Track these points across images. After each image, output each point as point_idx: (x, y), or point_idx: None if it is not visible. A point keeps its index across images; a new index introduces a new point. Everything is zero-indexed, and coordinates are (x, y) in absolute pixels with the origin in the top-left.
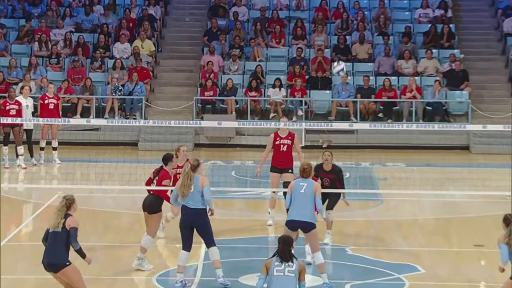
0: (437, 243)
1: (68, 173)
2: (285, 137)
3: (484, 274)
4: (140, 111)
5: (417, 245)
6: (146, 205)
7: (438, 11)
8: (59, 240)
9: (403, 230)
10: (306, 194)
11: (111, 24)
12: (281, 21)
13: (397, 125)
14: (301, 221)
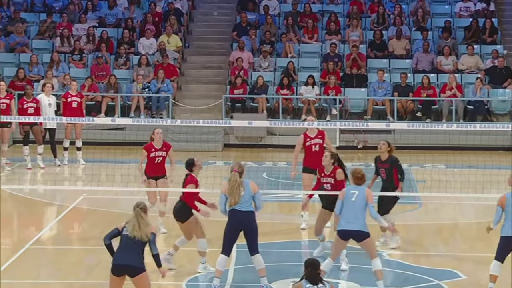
0: (479, 249)
1: (93, 174)
2: (315, 137)
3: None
4: (166, 110)
5: (458, 250)
6: (175, 212)
7: (479, 5)
8: (137, 246)
9: (443, 234)
10: (357, 203)
11: (135, 18)
12: (314, 15)
13: (436, 125)
14: (352, 231)
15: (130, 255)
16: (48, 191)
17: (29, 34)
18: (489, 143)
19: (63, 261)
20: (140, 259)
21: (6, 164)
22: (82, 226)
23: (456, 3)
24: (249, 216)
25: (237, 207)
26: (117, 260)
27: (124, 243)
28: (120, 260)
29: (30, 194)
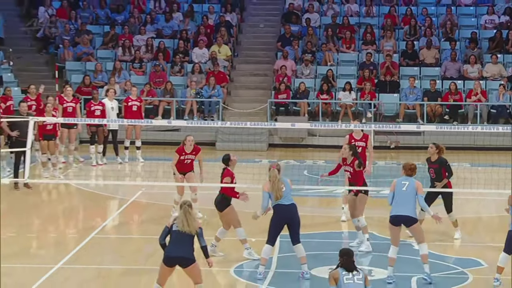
0: (500, 240)
1: (151, 171)
2: (359, 139)
3: None
4: (217, 113)
5: (480, 241)
6: (215, 203)
7: (503, 17)
8: (187, 239)
9: (467, 227)
10: (408, 192)
11: (190, 30)
12: (351, 27)
13: (462, 127)
14: (403, 216)
15: (182, 247)
16: (111, 186)
17: (94, 45)
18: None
19: (124, 249)
20: (190, 250)
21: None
22: (141, 218)
23: (482, 16)
24: (293, 209)
25: (281, 201)
26: (170, 252)
27: (175, 237)
28: (173, 252)
29: (95, 189)
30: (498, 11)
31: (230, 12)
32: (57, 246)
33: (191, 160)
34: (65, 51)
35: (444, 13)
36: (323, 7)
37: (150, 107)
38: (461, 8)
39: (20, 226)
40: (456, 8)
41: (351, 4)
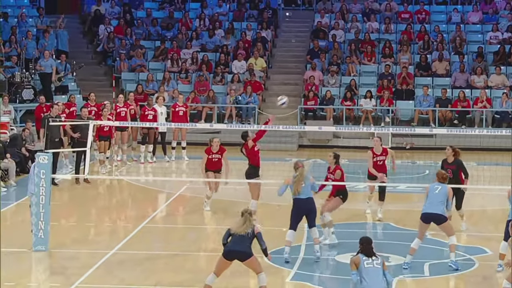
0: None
1: (195, 168)
2: (380, 154)
3: None
4: (253, 118)
5: (485, 231)
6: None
7: (506, 34)
8: (246, 239)
9: (474, 218)
10: (439, 194)
11: (230, 45)
12: (372, 42)
13: (469, 130)
14: (433, 213)
15: (241, 244)
16: (159, 182)
17: (146, 57)
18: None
19: (170, 236)
20: (248, 247)
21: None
22: (186, 210)
23: (487, 32)
24: (309, 202)
25: (300, 196)
26: (230, 247)
27: (236, 237)
28: (232, 247)
29: (145, 184)
30: (502, 28)
31: (265, 29)
32: (112, 234)
33: (218, 159)
34: (121, 63)
35: (454, 30)
36: (347, 25)
37: (194, 112)
38: (469, 26)
39: (80, 216)
40: (464, 26)
41: (372, 22)
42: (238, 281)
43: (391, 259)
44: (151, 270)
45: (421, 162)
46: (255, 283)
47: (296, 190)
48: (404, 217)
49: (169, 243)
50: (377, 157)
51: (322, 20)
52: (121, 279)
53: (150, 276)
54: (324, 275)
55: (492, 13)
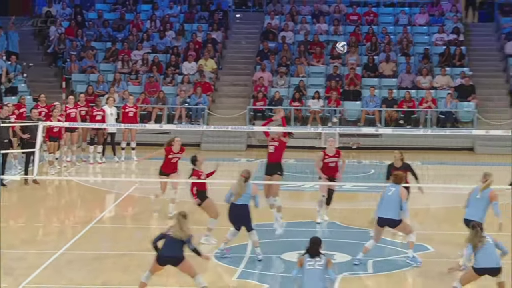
0: (446, 228)
1: (144, 169)
2: (332, 156)
3: None
4: (203, 118)
5: (429, 229)
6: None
7: (451, 36)
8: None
9: (418, 217)
10: (392, 196)
11: (180, 46)
12: (321, 43)
13: (415, 130)
14: (387, 218)
15: (172, 249)
16: (108, 182)
17: (97, 59)
18: (456, 144)
19: (118, 236)
20: (180, 252)
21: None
22: (134, 210)
23: (433, 34)
24: (242, 208)
25: (236, 201)
26: (163, 252)
27: (169, 242)
28: (165, 252)
29: (94, 184)
30: (447, 30)
31: (216, 31)
32: (60, 234)
33: (178, 159)
34: (72, 64)
35: (401, 32)
36: (297, 26)
37: (144, 113)
38: (415, 28)
39: (28, 217)
40: (411, 28)
41: (321, 24)
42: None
43: (336, 256)
44: (99, 269)
45: (367, 162)
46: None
47: (234, 197)
48: (350, 215)
49: (117, 243)
50: (329, 158)
51: (272, 22)
52: (69, 279)
53: (99, 276)
54: (270, 273)
55: (438, 15)
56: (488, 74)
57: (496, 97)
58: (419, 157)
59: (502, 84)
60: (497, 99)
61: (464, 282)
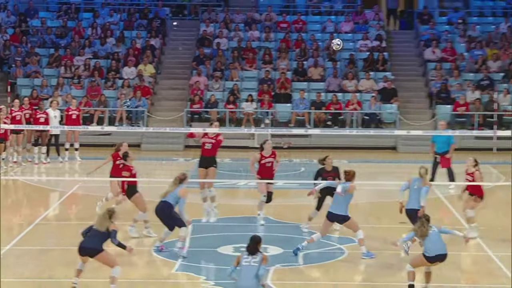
0: (371, 221)
1: (87, 169)
2: (269, 156)
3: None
4: (142, 120)
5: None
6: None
7: (375, 42)
8: (99, 236)
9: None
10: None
11: (121, 52)
12: (253, 49)
13: (341, 130)
14: (336, 214)
15: (92, 241)
16: (53, 181)
17: (41, 64)
18: (380, 144)
19: (63, 232)
20: (98, 244)
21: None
22: (78, 207)
23: (358, 41)
24: (160, 205)
25: (163, 198)
26: (81, 243)
27: (91, 234)
28: (83, 243)
29: (39, 183)
30: (371, 37)
31: (154, 38)
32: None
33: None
34: (17, 69)
35: (328, 38)
36: (231, 33)
37: (87, 116)
38: (341, 35)
39: None
40: (337, 35)
41: (253, 31)
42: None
43: (269, 249)
44: (45, 264)
45: (298, 160)
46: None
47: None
48: (282, 211)
49: (62, 239)
50: (265, 159)
51: (207, 29)
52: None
53: (45, 270)
54: (207, 266)
55: (362, 23)
56: (409, 78)
57: (416, 99)
58: (345, 156)
59: (421, 87)
60: (417, 102)
61: (414, 265)
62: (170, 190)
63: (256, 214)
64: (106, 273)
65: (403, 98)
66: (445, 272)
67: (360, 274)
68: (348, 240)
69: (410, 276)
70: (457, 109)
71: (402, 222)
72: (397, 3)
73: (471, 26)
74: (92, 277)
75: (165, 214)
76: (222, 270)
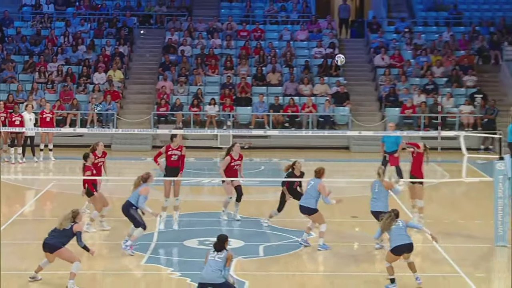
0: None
1: (60, 168)
2: (237, 159)
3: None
4: (112, 122)
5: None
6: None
7: (328, 49)
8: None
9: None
10: (311, 188)
11: (91, 59)
12: (215, 56)
13: (298, 131)
14: (304, 206)
15: (53, 238)
16: (29, 180)
17: (16, 70)
18: (333, 144)
19: (39, 228)
20: (58, 241)
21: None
22: (53, 204)
23: (313, 48)
24: (124, 204)
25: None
26: (45, 239)
27: (55, 231)
28: (46, 240)
29: (15, 182)
30: (325, 45)
31: (123, 45)
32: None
33: (103, 162)
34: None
35: (285, 46)
36: (194, 41)
37: (60, 118)
38: (297, 43)
39: None
40: (294, 43)
41: (215, 39)
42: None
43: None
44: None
45: (258, 159)
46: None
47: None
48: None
49: (37, 234)
50: (234, 162)
51: (172, 37)
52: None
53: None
54: (174, 258)
55: (316, 32)
56: (360, 83)
57: (367, 102)
58: (302, 155)
59: (372, 91)
60: (368, 105)
61: (388, 260)
62: (134, 189)
63: (220, 210)
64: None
65: (355, 101)
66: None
67: (318, 264)
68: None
69: (389, 270)
70: (404, 111)
71: (353, 216)
72: (349, 13)
73: (417, 35)
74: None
75: (125, 212)
76: (188, 262)
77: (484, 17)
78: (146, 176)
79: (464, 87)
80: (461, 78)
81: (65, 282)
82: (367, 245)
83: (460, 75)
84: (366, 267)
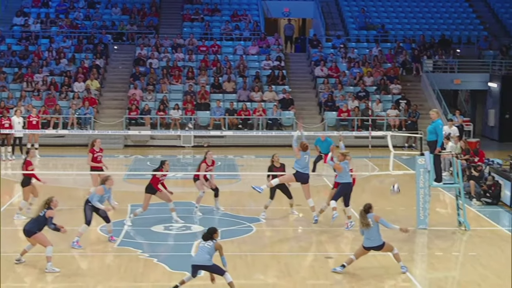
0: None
1: (45, 164)
2: (211, 165)
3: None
4: (90, 125)
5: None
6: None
7: (275, 62)
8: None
9: (253, 196)
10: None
11: (72, 70)
12: (179, 68)
13: (250, 132)
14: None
15: (29, 224)
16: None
17: (7, 80)
18: (280, 143)
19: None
20: (33, 226)
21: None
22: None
23: (262, 61)
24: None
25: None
26: (24, 226)
27: (33, 218)
28: (25, 226)
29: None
30: (272, 58)
31: (99, 59)
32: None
33: (101, 156)
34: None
35: (239, 59)
36: (161, 55)
37: (44, 121)
38: (249, 56)
39: None
40: (246, 56)
41: (179, 53)
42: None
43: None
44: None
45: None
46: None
47: None
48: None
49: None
50: (209, 167)
51: (142, 52)
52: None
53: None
54: (143, 242)
55: (265, 47)
56: (303, 90)
57: (308, 107)
58: (254, 152)
59: (312, 98)
60: (309, 109)
61: (357, 255)
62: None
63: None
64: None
65: (298, 106)
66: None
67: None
68: (256, 220)
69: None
70: (340, 114)
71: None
72: (293, 31)
73: (351, 50)
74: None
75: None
76: (155, 244)
77: (407, 35)
78: (105, 178)
79: (390, 94)
80: (388, 86)
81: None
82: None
83: (387, 84)
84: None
